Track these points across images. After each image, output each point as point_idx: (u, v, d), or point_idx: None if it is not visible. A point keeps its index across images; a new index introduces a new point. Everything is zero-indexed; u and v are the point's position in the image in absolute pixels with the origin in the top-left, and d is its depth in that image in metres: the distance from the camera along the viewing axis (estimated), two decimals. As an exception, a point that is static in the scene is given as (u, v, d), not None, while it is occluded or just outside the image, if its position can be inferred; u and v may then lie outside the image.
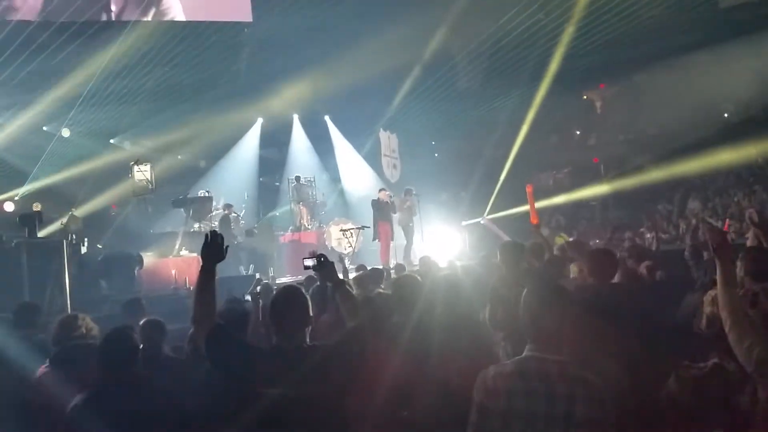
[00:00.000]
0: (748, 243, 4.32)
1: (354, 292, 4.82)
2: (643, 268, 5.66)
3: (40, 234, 9.72)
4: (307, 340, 2.92)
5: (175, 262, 11.67)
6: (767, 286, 3.61)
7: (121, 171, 14.21)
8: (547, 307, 2.59)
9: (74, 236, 10.32)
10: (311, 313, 2.99)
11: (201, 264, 2.95)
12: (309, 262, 3.34)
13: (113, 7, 12.79)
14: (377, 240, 12.92)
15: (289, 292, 3.01)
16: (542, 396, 2.44)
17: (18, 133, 14.24)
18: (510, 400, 2.47)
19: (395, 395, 3.22)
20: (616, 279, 4.31)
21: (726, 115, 20.64)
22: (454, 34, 15.06)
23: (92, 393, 3.16)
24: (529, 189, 10.23)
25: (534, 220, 9.92)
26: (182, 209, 13.78)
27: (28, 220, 9.39)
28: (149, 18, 13.07)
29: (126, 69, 13.31)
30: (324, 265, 3.28)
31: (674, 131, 19.35)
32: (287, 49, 13.98)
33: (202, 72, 14.33)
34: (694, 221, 13.63)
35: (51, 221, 11.82)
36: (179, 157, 19.59)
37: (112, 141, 17.40)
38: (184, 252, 12.30)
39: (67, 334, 3.99)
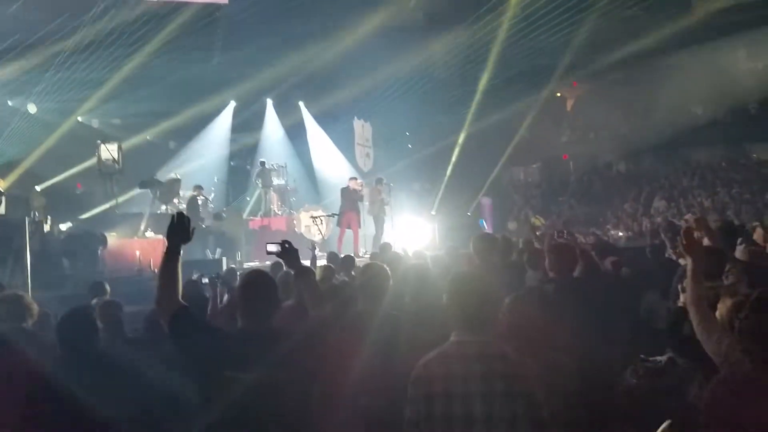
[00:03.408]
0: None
1: (317, 278, 4.83)
2: (608, 264, 5.75)
3: (1, 210, 9.49)
4: (273, 324, 2.91)
5: (140, 243, 11.49)
6: (717, 285, 3.73)
7: (88, 149, 13.92)
8: (466, 293, 2.66)
9: (37, 214, 10.11)
10: (279, 298, 2.99)
11: (166, 244, 2.91)
12: (272, 248, 3.31)
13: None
14: (338, 227, 13.02)
15: (259, 275, 3.01)
16: (460, 376, 2.48)
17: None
18: (431, 385, 2.51)
19: (361, 383, 3.23)
20: (577, 273, 4.38)
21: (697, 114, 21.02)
22: (430, 23, 15.08)
23: (51, 371, 3.12)
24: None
25: None
26: (149, 190, 13.56)
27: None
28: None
29: (96, 45, 13.01)
30: (288, 251, 3.26)
31: (644, 131, 19.72)
32: (262, 32, 13.79)
33: (174, 52, 14.05)
34: (658, 220, 13.92)
35: (14, 198, 11.56)
36: (148, 137, 19.25)
37: (79, 119, 17.01)
38: (149, 234, 12.12)
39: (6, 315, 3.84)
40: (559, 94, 24.11)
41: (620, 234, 15.79)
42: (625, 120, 21.99)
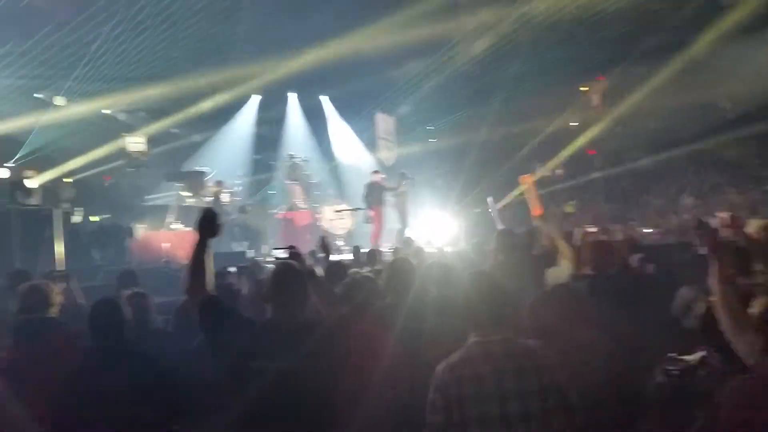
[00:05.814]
0: None
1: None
2: (635, 261, 5.67)
3: (32, 201, 9.65)
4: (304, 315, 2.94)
5: (166, 235, 11.64)
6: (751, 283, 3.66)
7: (115, 142, 14.10)
8: (486, 291, 2.65)
9: (66, 205, 10.28)
10: (309, 290, 3.00)
11: (196, 238, 2.93)
12: (280, 253, 3.37)
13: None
14: (371, 223, 12.96)
15: (292, 266, 3.01)
16: (491, 376, 2.46)
17: (11, 99, 14.08)
18: (461, 388, 2.47)
19: (387, 375, 3.23)
20: (611, 270, 4.34)
21: (725, 110, 20.58)
22: (455, 18, 14.99)
23: (82, 360, 3.16)
24: (527, 180, 9.18)
25: (537, 212, 9.44)
26: (175, 182, 13.70)
27: (20, 187, 9.35)
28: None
29: (121, 39, 13.14)
30: (294, 257, 3.34)
31: (671, 126, 19.37)
32: (285, 25, 13.83)
33: (199, 44, 14.14)
34: (685, 216, 13.70)
35: (44, 190, 11.74)
36: (174, 130, 19.43)
37: (107, 111, 17.22)
38: (175, 225, 12.26)
39: (30, 305, 3.90)
40: (584, 89, 23.78)
41: (647, 231, 15.56)
42: (652, 115, 21.61)
